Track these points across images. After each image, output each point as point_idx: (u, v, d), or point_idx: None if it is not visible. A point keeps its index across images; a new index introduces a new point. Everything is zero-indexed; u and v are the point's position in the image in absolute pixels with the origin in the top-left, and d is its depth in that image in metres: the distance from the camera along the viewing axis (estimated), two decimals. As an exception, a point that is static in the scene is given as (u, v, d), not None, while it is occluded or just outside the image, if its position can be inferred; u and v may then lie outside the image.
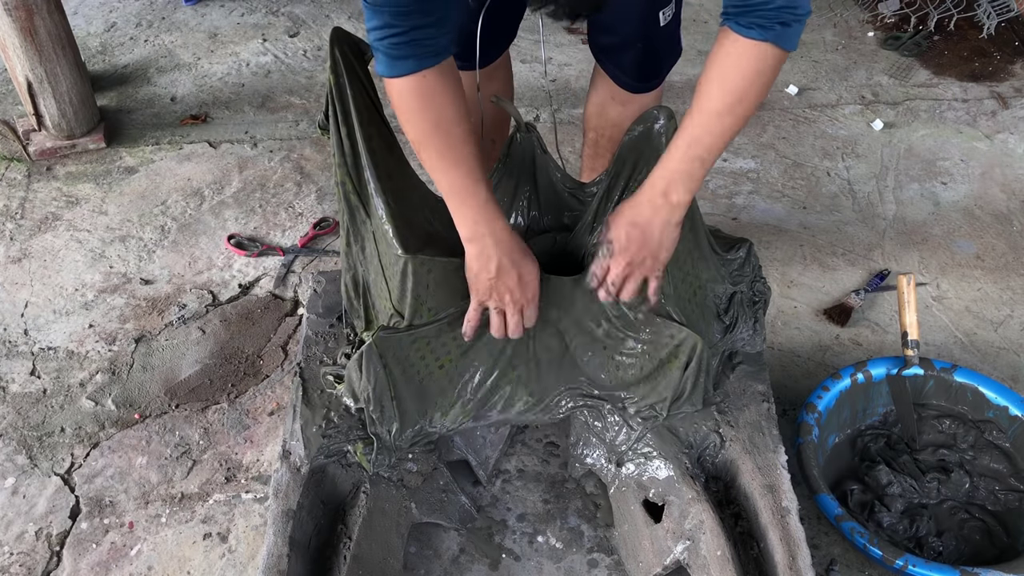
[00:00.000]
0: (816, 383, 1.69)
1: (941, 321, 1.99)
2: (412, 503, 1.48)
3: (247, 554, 1.57)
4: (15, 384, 1.87)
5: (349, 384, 1.47)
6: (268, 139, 2.52)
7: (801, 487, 1.49)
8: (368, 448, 1.45)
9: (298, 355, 1.60)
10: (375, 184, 1.38)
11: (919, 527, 1.55)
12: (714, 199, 2.32)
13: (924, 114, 2.62)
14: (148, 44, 2.92)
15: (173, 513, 1.64)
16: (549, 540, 1.54)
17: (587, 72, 2.78)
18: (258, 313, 2.02)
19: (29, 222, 2.26)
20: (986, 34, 2.91)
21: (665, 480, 1.46)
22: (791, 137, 2.53)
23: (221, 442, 1.76)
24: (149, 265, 2.14)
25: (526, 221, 1.59)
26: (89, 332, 1.98)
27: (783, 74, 2.77)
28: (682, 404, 1.49)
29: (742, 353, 1.60)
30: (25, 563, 1.57)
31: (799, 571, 1.31)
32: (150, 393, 1.85)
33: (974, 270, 2.12)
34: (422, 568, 1.50)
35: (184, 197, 2.33)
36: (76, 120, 2.43)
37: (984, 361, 1.90)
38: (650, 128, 1.41)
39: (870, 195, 2.33)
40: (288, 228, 2.24)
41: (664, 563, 1.40)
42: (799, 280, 2.09)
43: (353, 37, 1.37)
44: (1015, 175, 2.40)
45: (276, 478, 1.42)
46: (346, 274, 1.54)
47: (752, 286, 1.64)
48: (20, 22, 2.21)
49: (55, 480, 1.69)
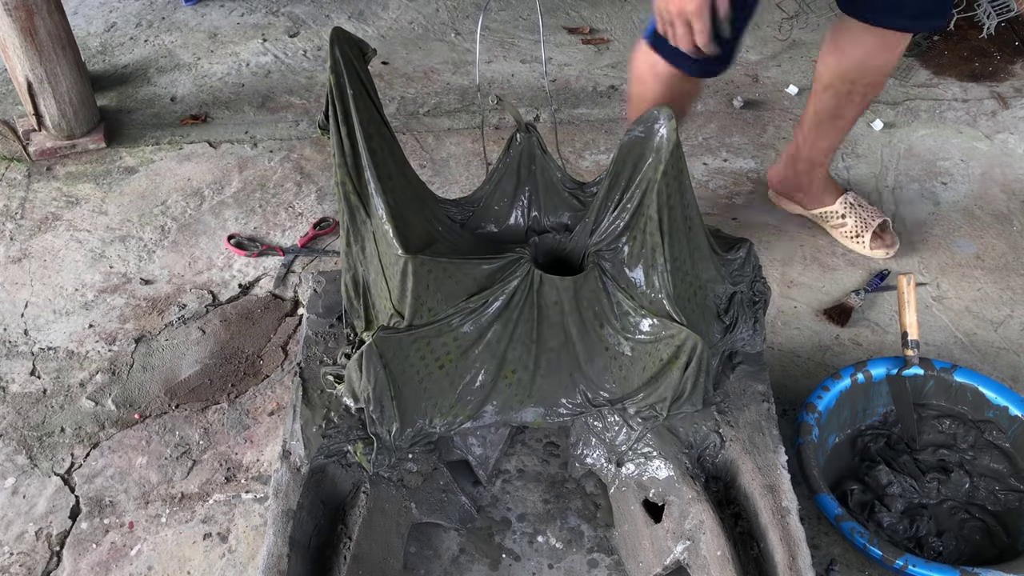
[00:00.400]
0: (816, 383, 1.69)
1: (941, 321, 1.99)
2: (412, 503, 1.48)
3: (247, 554, 1.57)
4: (15, 384, 1.87)
5: (349, 384, 1.47)
6: (268, 139, 2.52)
7: (801, 487, 1.49)
8: (368, 448, 1.45)
9: (298, 355, 1.60)
10: (375, 184, 1.38)
11: (919, 527, 1.55)
12: (714, 199, 2.31)
13: (924, 114, 2.62)
14: (148, 44, 2.92)
15: (173, 513, 1.64)
16: (549, 540, 1.54)
17: (587, 72, 2.78)
18: (258, 313, 2.02)
19: (29, 222, 2.26)
20: (986, 34, 2.90)
21: (665, 480, 1.46)
22: (791, 137, 2.52)
23: (221, 442, 1.76)
24: (149, 265, 2.14)
25: (526, 221, 1.59)
26: (89, 332, 1.98)
27: (783, 74, 2.78)
28: (682, 404, 1.49)
29: (742, 353, 1.60)
30: (25, 563, 1.57)
31: (799, 571, 1.31)
32: (150, 393, 1.85)
33: (974, 270, 2.12)
34: (422, 568, 1.50)
35: (184, 197, 2.33)
36: (76, 120, 2.43)
37: (984, 361, 1.90)
38: (650, 128, 1.41)
39: (870, 195, 2.33)
40: (288, 228, 2.24)
41: (664, 563, 1.40)
42: (799, 280, 2.09)
43: (353, 37, 1.37)
44: (1015, 175, 2.40)
45: (276, 478, 1.42)
46: (346, 274, 1.54)
47: (752, 286, 1.64)
48: (20, 22, 2.21)
49: (55, 480, 1.69)
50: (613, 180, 1.46)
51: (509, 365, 1.49)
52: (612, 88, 2.71)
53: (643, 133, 1.42)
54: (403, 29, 2.94)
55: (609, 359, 1.49)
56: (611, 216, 1.45)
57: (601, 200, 1.47)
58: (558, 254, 1.54)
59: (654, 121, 1.41)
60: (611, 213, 1.45)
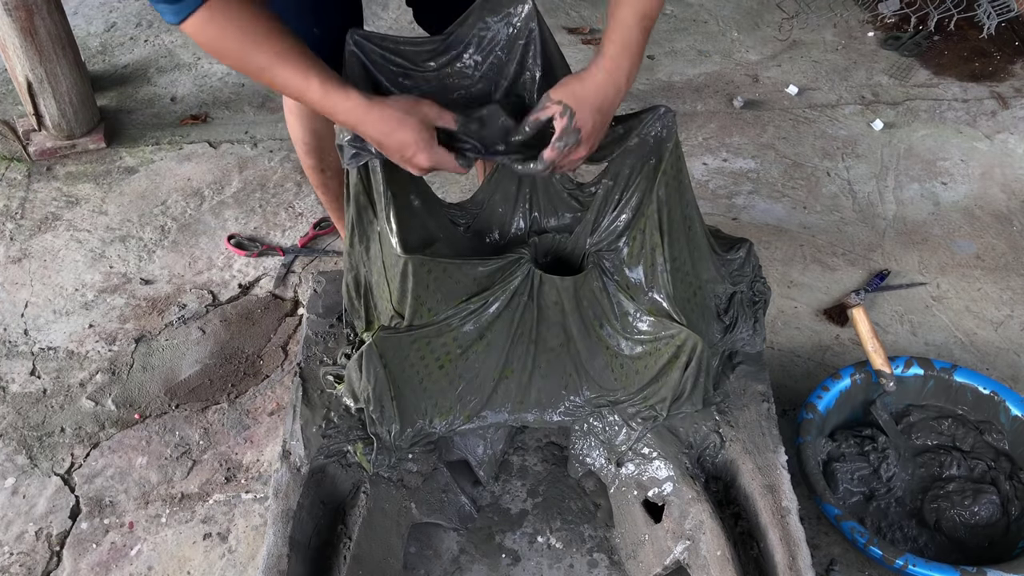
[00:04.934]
0: (816, 383, 1.69)
1: (941, 321, 1.99)
2: (412, 503, 1.48)
3: (247, 554, 1.57)
4: (15, 384, 1.87)
5: (349, 384, 1.47)
6: (268, 139, 2.52)
7: (801, 487, 1.49)
8: (368, 448, 1.45)
9: (298, 355, 1.60)
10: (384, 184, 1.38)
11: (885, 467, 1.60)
12: (714, 199, 2.32)
13: (924, 114, 2.62)
14: (148, 44, 2.92)
15: (173, 513, 1.64)
16: (549, 540, 1.54)
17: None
18: (258, 313, 2.02)
19: (29, 222, 2.26)
20: (986, 34, 2.90)
21: (665, 480, 1.46)
22: (791, 137, 2.53)
23: (221, 442, 1.76)
24: (149, 265, 2.14)
25: (526, 221, 1.59)
26: (89, 332, 1.98)
27: (783, 74, 2.77)
28: (682, 404, 1.49)
29: (742, 353, 1.60)
30: (25, 563, 1.57)
31: (799, 571, 1.31)
32: (150, 393, 1.85)
33: (974, 270, 2.12)
34: (422, 568, 1.50)
35: (184, 197, 2.33)
36: (76, 120, 2.43)
37: (984, 361, 1.90)
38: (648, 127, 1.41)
39: (870, 195, 2.33)
40: (288, 228, 2.24)
41: (664, 563, 1.40)
42: (799, 280, 2.09)
43: (371, 34, 1.36)
44: (1015, 175, 2.40)
45: (276, 478, 1.42)
46: (348, 274, 1.54)
47: (752, 286, 1.64)
48: (20, 22, 2.21)
49: (55, 480, 1.69)
50: (613, 180, 1.46)
51: (509, 365, 1.49)
52: (612, 88, 2.71)
53: (641, 132, 1.42)
54: (403, 30, 2.94)
55: (609, 359, 1.49)
56: (611, 216, 1.44)
57: (601, 200, 1.47)
58: (558, 254, 1.54)
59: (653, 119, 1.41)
60: (611, 213, 1.44)
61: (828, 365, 1.88)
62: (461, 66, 1.37)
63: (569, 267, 1.50)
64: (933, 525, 1.57)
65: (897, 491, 1.61)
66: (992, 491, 1.59)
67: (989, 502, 1.58)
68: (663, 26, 2.98)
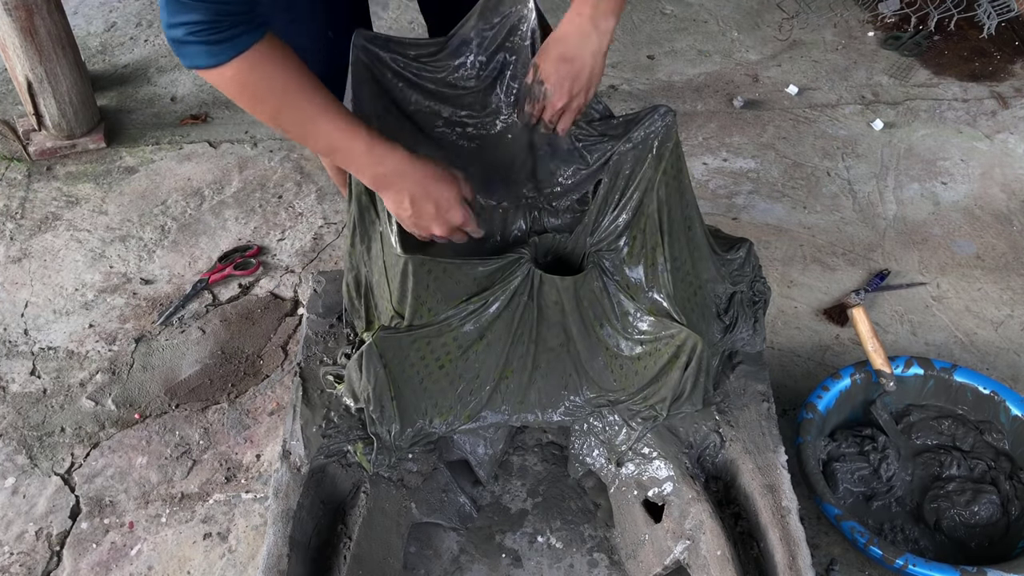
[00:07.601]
0: (816, 383, 1.69)
1: (941, 321, 1.99)
2: (412, 503, 1.48)
3: (247, 554, 1.57)
4: (15, 384, 1.87)
5: (349, 384, 1.47)
6: (268, 139, 2.52)
7: (801, 487, 1.49)
8: (368, 448, 1.45)
9: (298, 355, 1.60)
10: None
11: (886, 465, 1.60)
12: (714, 199, 2.32)
13: (924, 114, 2.62)
14: (148, 44, 2.92)
15: (173, 513, 1.64)
16: (549, 540, 1.54)
17: (587, 72, 2.78)
18: (258, 313, 2.02)
19: (29, 222, 2.26)
20: (986, 34, 2.90)
21: (665, 480, 1.46)
22: (791, 137, 2.53)
23: (221, 442, 1.76)
24: (149, 265, 2.14)
25: (527, 221, 1.59)
26: (89, 332, 1.98)
27: (783, 74, 2.77)
28: (682, 404, 1.49)
29: (742, 353, 1.60)
30: (25, 563, 1.57)
31: (799, 571, 1.31)
32: (150, 393, 1.85)
33: (974, 270, 2.12)
34: (422, 568, 1.50)
35: (184, 197, 2.33)
36: (76, 120, 2.43)
37: (984, 361, 1.90)
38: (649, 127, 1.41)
39: (870, 195, 2.33)
40: (288, 228, 2.24)
41: (664, 563, 1.40)
42: (799, 280, 2.09)
43: (378, 36, 1.36)
44: (1015, 175, 2.40)
45: (276, 478, 1.42)
46: (348, 274, 1.54)
47: (752, 286, 1.64)
48: (20, 22, 2.21)
49: (55, 480, 1.69)
50: (612, 179, 1.46)
51: (509, 365, 1.49)
52: (612, 88, 2.71)
53: (640, 131, 1.42)
54: (403, 29, 2.94)
55: (609, 359, 1.49)
56: (611, 216, 1.44)
57: (601, 200, 1.47)
58: (558, 254, 1.54)
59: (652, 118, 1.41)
60: (611, 213, 1.44)
61: (828, 365, 1.88)
62: (464, 66, 1.38)
63: (569, 267, 1.50)
64: (933, 525, 1.57)
65: (897, 491, 1.61)
66: (992, 491, 1.59)
67: (989, 502, 1.58)
68: (663, 26, 2.98)
